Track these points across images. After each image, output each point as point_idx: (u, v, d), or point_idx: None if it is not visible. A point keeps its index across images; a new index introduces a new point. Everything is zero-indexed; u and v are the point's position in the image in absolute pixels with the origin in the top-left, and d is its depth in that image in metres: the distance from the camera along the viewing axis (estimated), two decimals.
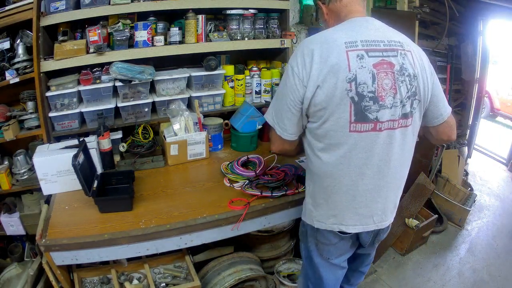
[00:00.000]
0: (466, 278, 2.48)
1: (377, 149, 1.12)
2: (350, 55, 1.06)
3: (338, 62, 1.05)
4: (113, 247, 1.38)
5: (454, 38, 3.80)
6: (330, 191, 1.20)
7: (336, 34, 1.11)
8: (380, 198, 1.21)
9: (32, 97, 1.85)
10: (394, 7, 2.95)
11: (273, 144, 1.30)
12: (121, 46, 1.92)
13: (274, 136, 1.26)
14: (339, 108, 1.07)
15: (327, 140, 1.13)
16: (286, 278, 2.09)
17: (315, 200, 1.26)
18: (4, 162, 1.93)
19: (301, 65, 1.10)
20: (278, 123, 1.21)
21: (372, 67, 1.07)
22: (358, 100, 1.06)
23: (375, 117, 1.08)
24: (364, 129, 1.09)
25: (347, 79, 1.05)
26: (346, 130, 1.09)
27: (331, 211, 1.22)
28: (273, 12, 2.31)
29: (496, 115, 6.70)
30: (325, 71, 1.06)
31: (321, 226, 1.25)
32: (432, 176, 3.15)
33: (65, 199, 1.61)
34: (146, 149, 1.93)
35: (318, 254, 1.33)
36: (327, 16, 1.26)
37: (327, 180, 1.19)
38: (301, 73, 1.09)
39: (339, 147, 1.12)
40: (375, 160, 1.14)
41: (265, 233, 2.08)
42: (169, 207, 1.55)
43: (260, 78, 2.34)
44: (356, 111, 1.07)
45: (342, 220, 1.22)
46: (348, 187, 1.17)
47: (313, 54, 1.08)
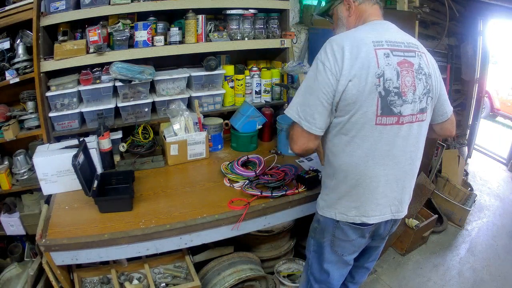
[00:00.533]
0: (466, 278, 2.48)
1: (398, 141, 1.20)
2: (378, 52, 1.14)
3: (368, 58, 1.12)
4: (113, 247, 1.38)
5: (454, 38, 3.80)
6: (354, 184, 1.23)
7: (362, 33, 1.18)
8: (398, 188, 1.28)
9: (32, 97, 1.85)
10: (394, 7, 2.94)
11: (296, 143, 1.25)
12: (121, 46, 1.92)
13: (298, 134, 1.23)
14: (367, 102, 1.13)
15: (354, 133, 1.17)
16: (286, 278, 2.09)
17: (338, 193, 1.28)
18: (4, 162, 1.93)
19: (333, 60, 1.13)
20: (305, 118, 1.19)
21: (396, 65, 1.16)
22: (384, 94, 1.14)
23: (399, 111, 1.17)
24: (389, 122, 1.17)
25: (376, 75, 1.12)
26: (372, 123, 1.15)
27: (354, 203, 1.26)
28: (273, 12, 2.31)
29: (496, 115, 6.70)
30: (357, 66, 1.11)
31: (343, 219, 1.28)
32: (432, 176, 3.15)
33: (65, 199, 1.61)
34: (146, 149, 1.93)
35: (332, 250, 1.36)
36: (352, 14, 1.30)
37: (352, 172, 1.22)
38: (334, 67, 1.13)
39: (365, 140, 1.17)
40: (396, 151, 1.21)
41: (265, 233, 2.08)
42: (169, 207, 1.55)
43: (260, 78, 2.34)
44: (383, 105, 1.14)
45: (363, 212, 1.26)
46: (372, 179, 1.22)
47: (344, 50, 1.12)
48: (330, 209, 1.31)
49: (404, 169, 1.26)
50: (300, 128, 1.21)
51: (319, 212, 1.36)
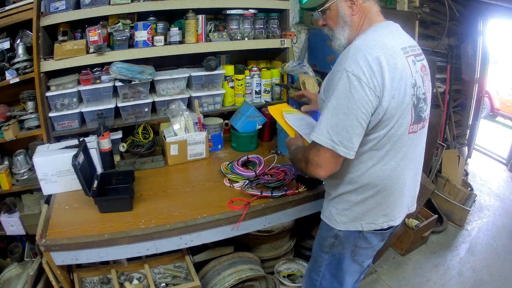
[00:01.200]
0: (466, 278, 2.47)
1: (420, 143, 1.23)
2: (409, 61, 1.11)
3: (404, 68, 1.08)
4: (113, 247, 1.38)
5: (454, 38, 3.80)
6: (386, 195, 1.20)
7: (388, 39, 1.10)
8: (414, 185, 1.31)
9: (32, 97, 1.85)
10: (394, 7, 2.94)
11: (323, 168, 1.12)
12: (121, 46, 1.92)
13: (328, 159, 1.10)
14: (404, 113, 1.10)
15: (388, 147, 1.13)
16: (286, 278, 2.09)
17: (366, 206, 1.21)
18: (4, 162, 1.93)
19: (369, 74, 1.03)
20: (342, 143, 1.07)
21: (420, 71, 1.15)
22: (416, 103, 1.13)
23: (424, 116, 1.19)
24: (418, 128, 1.17)
25: (412, 84, 1.10)
26: (406, 133, 1.13)
27: (383, 211, 1.22)
28: (273, 12, 2.31)
29: (496, 115, 6.70)
30: (397, 78, 1.06)
31: (371, 228, 1.24)
32: (432, 176, 3.15)
33: (65, 199, 1.61)
34: (146, 149, 1.93)
35: (353, 259, 1.30)
36: (356, 13, 1.19)
37: (385, 185, 1.18)
38: (372, 82, 1.03)
39: (399, 151, 1.14)
40: (418, 153, 1.25)
41: (265, 233, 2.08)
42: (169, 207, 1.55)
43: (260, 78, 2.34)
44: (415, 113, 1.13)
45: (391, 217, 1.24)
46: (401, 186, 1.21)
47: (380, 61, 1.04)
48: (355, 222, 1.24)
49: (418, 165, 1.29)
50: (331, 152, 1.09)
51: (339, 228, 1.27)
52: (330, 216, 1.29)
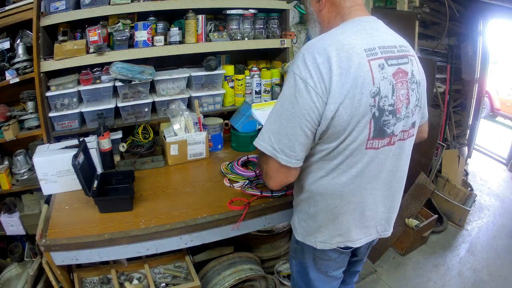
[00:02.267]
0: (466, 278, 2.48)
1: (388, 162, 1.07)
2: (372, 65, 0.95)
3: (361, 74, 0.92)
4: (113, 247, 1.38)
5: (454, 38, 3.80)
6: (338, 212, 1.10)
7: (351, 38, 0.96)
8: (385, 208, 1.17)
9: (32, 97, 1.85)
10: (394, 7, 2.95)
11: (272, 179, 1.05)
12: (121, 46, 1.92)
13: (274, 169, 1.03)
14: (359, 126, 0.96)
15: (339, 160, 1.02)
16: (286, 278, 2.09)
17: (318, 222, 1.14)
18: (4, 162, 1.93)
19: (317, 76, 0.92)
20: (283, 151, 0.98)
21: (392, 77, 0.98)
22: (378, 115, 0.97)
23: (392, 131, 1.01)
24: (380, 145, 1.02)
25: (372, 94, 0.94)
26: (362, 148, 1.00)
27: (337, 231, 1.13)
28: (273, 12, 2.31)
29: (496, 115, 6.70)
30: (348, 85, 0.91)
31: (325, 247, 1.16)
32: (432, 176, 3.15)
33: (65, 199, 1.61)
34: (146, 149, 1.93)
35: (316, 268, 1.25)
36: (324, 8, 1.08)
37: (335, 201, 1.08)
38: (319, 86, 0.92)
39: (352, 166, 1.03)
40: (385, 173, 1.09)
41: (265, 233, 2.08)
42: (169, 207, 1.55)
43: (260, 78, 2.34)
44: (375, 127, 0.98)
45: (348, 238, 1.15)
46: (357, 205, 1.10)
47: (331, 63, 0.91)
48: (310, 237, 1.17)
49: (392, 188, 1.14)
50: (276, 162, 1.01)
51: (296, 237, 1.22)
52: (294, 223, 1.24)
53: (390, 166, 1.09)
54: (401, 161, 1.12)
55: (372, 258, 2.57)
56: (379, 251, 2.59)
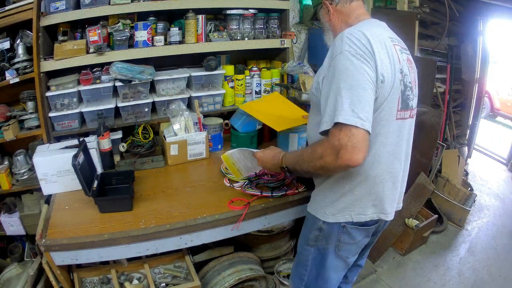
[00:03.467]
0: (466, 278, 2.47)
1: (409, 135, 1.24)
2: (396, 48, 1.15)
3: (392, 54, 1.11)
4: (113, 247, 1.38)
5: (454, 38, 3.80)
6: (374, 183, 1.18)
7: (375, 29, 1.14)
8: (403, 181, 1.30)
9: (32, 97, 1.85)
10: (394, 7, 2.95)
11: (361, 150, 1.00)
12: (121, 46, 1.92)
13: (362, 139, 1.00)
14: (393, 96, 1.11)
15: (378, 131, 1.12)
16: (286, 278, 2.08)
17: (355, 195, 1.19)
18: (4, 162, 1.93)
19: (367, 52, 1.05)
20: (368, 118, 1.01)
21: (406, 61, 1.18)
22: (403, 89, 1.14)
23: (412, 105, 1.20)
24: (406, 116, 1.18)
25: (399, 70, 1.12)
26: (394, 118, 1.14)
27: (372, 201, 1.20)
28: (273, 12, 2.31)
29: (496, 115, 6.70)
30: (386, 61, 1.08)
31: (361, 219, 1.22)
32: (432, 176, 3.15)
33: (65, 199, 1.61)
34: (146, 149, 1.93)
35: (336, 255, 1.28)
36: (333, 17, 1.27)
37: (374, 172, 1.16)
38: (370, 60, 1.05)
39: (388, 137, 1.15)
40: (408, 145, 1.24)
41: (265, 233, 2.08)
42: (169, 207, 1.55)
43: (260, 78, 2.34)
44: (402, 99, 1.14)
45: (382, 209, 1.22)
46: (391, 175, 1.20)
47: (371, 43, 1.06)
48: (344, 213, 1.21)
49: (407, 161, 1.29)
50: (364, 132, 1.00)
51: (328, 220, 1.24)
52: (318, 208, 1.28)
53: (409, 139, 1.25)
54: (412, 134, 1.28)
55: (372, 258, 2.57)
56: (379, 251, 2.59)
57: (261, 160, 1.40)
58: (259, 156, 1.41)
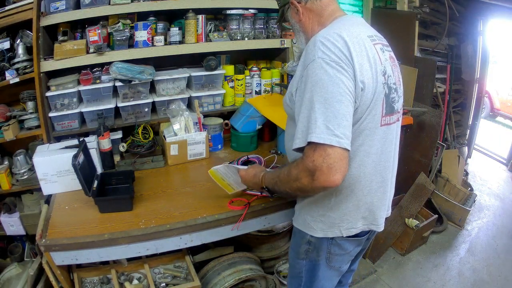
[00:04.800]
0: (466, 278, 2.48)
1: (396, 139, 1.16)
2: (377, 48, 1.05)
3: (372, 55, 1.02)
4: (113, 247, 1.38)
5: (454, 38, 3.80)
6: (362, 194, 1.11)
7: (352, 27, 1.03)
8: (391, 188, 1.23)
9: (32, 97, 1.85)
10: (394, 7, 2.95)
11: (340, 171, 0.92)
12: (121, 46, 1.92)
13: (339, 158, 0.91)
14: (377, 103, 1.02)
15: (360, 141, 1.03)
16: (286, 278, 2.09)
17: (342, 210, 1.13)
18: (4, 162, 1.93)
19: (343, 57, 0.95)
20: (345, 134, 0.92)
21: (389, 60, 1.09)
22: (388, 92, 1.06)
23: (397, 108, 1.11)
24: (392, 121, 1.10)
25: (382, 72, 1.03)
26: (378, 125, 1.05)
27: (362, 214, 1.14)
28: (273, 12, 2.31)
29: (496, 115, 6.70)
30: (366, 65, 0.99)
31: (351, 233, 1.16)
32: (432, 176, 3.15)
33: (65, 199, 1.61)
34: (146, 149, 1.93)
35: (328, 266, 1.24)
36: (303, 17, 1.15)
37: (359, 183, 1.09)
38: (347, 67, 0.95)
39: (373, 146, 1.06)
40: (395, 150, 1.17)
41: (265, 233, 2.08)
42: (169, 207, 1.55)
43: (260, 78, 2.34)
44: (387, 104, 1.06)
45: (372, 220, 1.17)
46: (379, 184, 1.12)
47: (348, 46, 0.96)
48: (333, 228, 1.15)
49: (395, 166, 1.21)
50: (341, 150, 0.91)
51: (317, 235, 1.18)
52: (305, 224, 1.20)
53: (396, 143, 1.17)
54: (398, 139, 1.20)
55: (372, 258, 2.57)
56: (379, 251, 2.59)
57: (243, 179, 1.36)
58: (241, 175, 1.36)
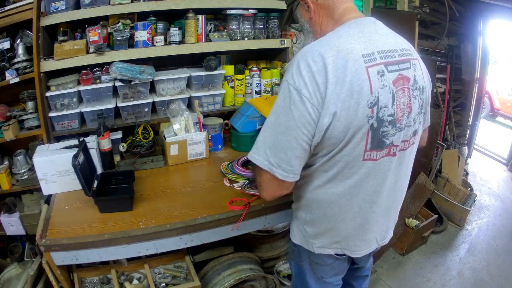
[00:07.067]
0: (466, 278, 2.48)
1: (389, 174, 1.03)
2: (371, 72, 0.89)
3: (358, 83, 0.88)
4: (113, 247, 1.38)
5: (454, 38, 3.80)
6: (335, 220, 1.08)
7: (348, 42, 0.91)
8: (385, 220, 1.15)
9: (32, 97, 1.85)
10: (394, 7, 2.95)
11: (266, 191, 1.02)
12: (121, 46, 1.92)
13: (268, 182, 0.99)
14: (355, 138, 0.92)
15: (335, 171, 0.99)
16: (286, 278, 2.09)
17: (315, 228, 1.12)
18: (4, 162, 1.93)
19: (312, 86, 0.88)
20: (280, 165, 0.95)
21: (392, 85, 0.93)
22: (377, 126, 0.92)
23: (391, 141, 0.97)
24: (379, 156, 0.97)
25: (369, 104, 0.89)
26: (359, 159, 0.96)
27: (335, 238, 1.11)
28: (273, 12, 2.31)
29: (496, 115, 6.71)
30: (344, 94, 0.87)
31: (324, 252, 1.14)
32: (432, 176, 3.15)
33: (65, 199, 1.61)
34: (146, 149, 1.93)
35: (312, 273, 1.22)
36: (315, 14, 1.05)
37: (332, 209, 1.06)
38: (314, 97, 0.88)
39: (349, 177, 0.99)
40: (386, 186, 1.04)
41: (265, 233, 2.08)
42: (169, 207, 1.55)
43: (260, 78, 2.34)
44: (373, 138, 0.93)
45: (346, 246, 1.13)
46: (355, 215, 1.06)
47: (327, 70, 0.87)
48: (307, 242, 1.15)
49: (393, 199, 1.11)
50: (270, 175, 0.97)
51: (294, 240, 1.20)
52: (292, 227, 1.23)
53: (391, 177, 1.04)
54: (402, 171, 1.08)
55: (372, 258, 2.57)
56: (379, 251, 2.58)
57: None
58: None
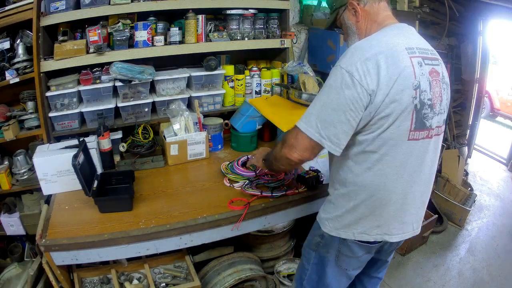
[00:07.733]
0: (466, 278, 2.48)
1: (427, 156, 1.14)
2: (413, 61, 1.06)
3: (405, 68, 1.03)
4: (113, 247, 1.38)
5: (454, 38, 3.80)
6: (379, 203, 1.14)
7: (393, 39, 1.07)
8: (421, 204, 1.23)
9: (32, 97, 1.85)
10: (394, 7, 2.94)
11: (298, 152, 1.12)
12: (121, 46, 1.92)
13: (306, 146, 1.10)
14: (402, 116, 1.04)
15: (384, 150, 1.08)
16: (286, 278, 2.09)
17: (359, 214, 1.17)
18: (4, 162, 1.93)
19: (363, 71, 1.01)
20: (329, 138, 1.06)
21: (428, 75, 1.09)
22: (420, 107, 1.07)
23: (430, 124, 1.10)
24: (421, 136, 1.10)
25: (414, 86, 1.04)
26: (405, 139, 1.07)
27: (377, 222, 1.17)
28: (273, 12, 2.31)
29: (496, 115, 6.71)
30: (394, 77, 1.02)
31: (363, 238, 1.19)
32: None
33: (65, 199, 1.61)
34: (146, 149, 1.93)
35: (336, 264, 1.27)
36: (361, 18, 1.19)
37: (379, 192, 1.13)
38: (365, 80, 1.01)
39: (396, 157, 1.09)
40: (424, 167, 1.15)
41: (265, 233, 2.08)
42: (169, 207, 1.55)
43: (260, 78, 2.34)
44: (417, 119, 1.07)
45: (386, 231, 1.18)
46: (398, 197, 1.14)
47: (378, 59, 1.02)
48: (347, 230, 1.20)
49: (427, 184, 1.21)
50: (313, 142, 1.09)
51: (329, 232, 1.24)
52: (323, 219, 1.27)
53: (428, 161, 1.15)
54: (436, 156, 1.19)
55: None
56: None
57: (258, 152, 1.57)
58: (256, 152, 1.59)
